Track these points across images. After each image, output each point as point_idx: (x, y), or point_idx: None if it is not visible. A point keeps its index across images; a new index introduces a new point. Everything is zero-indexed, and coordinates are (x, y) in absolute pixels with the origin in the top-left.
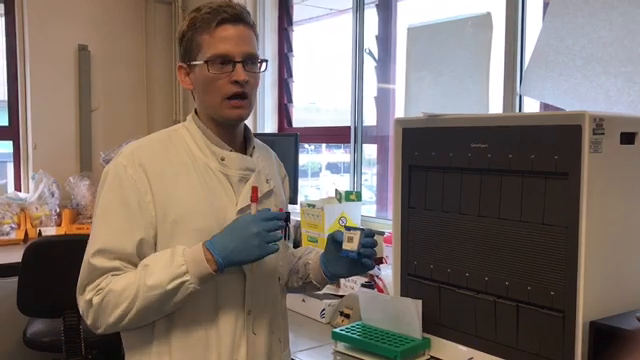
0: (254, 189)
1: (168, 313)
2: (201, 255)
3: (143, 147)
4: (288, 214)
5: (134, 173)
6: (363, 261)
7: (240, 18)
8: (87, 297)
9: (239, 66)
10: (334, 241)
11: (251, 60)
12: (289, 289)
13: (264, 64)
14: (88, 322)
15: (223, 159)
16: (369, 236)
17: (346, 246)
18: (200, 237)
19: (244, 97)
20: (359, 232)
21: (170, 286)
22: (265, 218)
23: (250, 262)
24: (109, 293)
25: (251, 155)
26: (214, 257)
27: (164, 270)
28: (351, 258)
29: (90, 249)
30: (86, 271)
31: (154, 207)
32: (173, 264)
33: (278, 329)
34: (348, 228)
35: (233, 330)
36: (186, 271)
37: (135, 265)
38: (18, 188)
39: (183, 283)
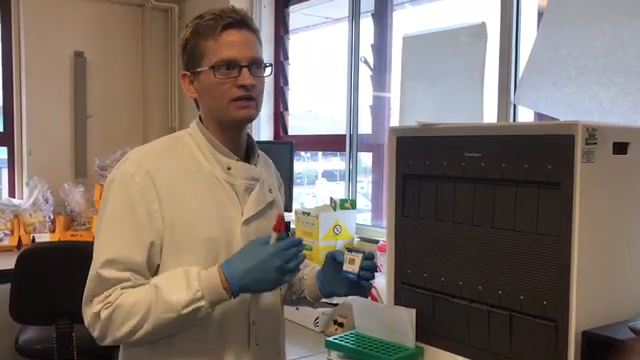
0: (280, 218)
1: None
2: (218, 281)
3: (150, 154)
4: (288, 223)
5: (142, 181)
6: (362, 283)
7: (244, 23)
8: (95, 309)
9: (245, 70)
10: (334, 261)
11: (256, 64)
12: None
13: (268, 69)
14: (95, 334)
15: (229, 168)
16: (369, 259)
17: (347, 267)
18: (206, 247)
19: (251, 99)
20: (361, 255)
21: (185, 311)
22: (285, 248)
23: (266, 291)
24: (118, 308)
25: (255, 164)
26: (230, 285)
27: (179, 293)
28: (351, 280)
29: (98, 259)
30: (94, 282)
31: (161, 216)
32: (189, 288)
33: (278, 340)
34: (350, 250)
35: (237, 341)
36: (202, 297)
37: (144, 276)
38: (12, 194)
39: (199, 309)
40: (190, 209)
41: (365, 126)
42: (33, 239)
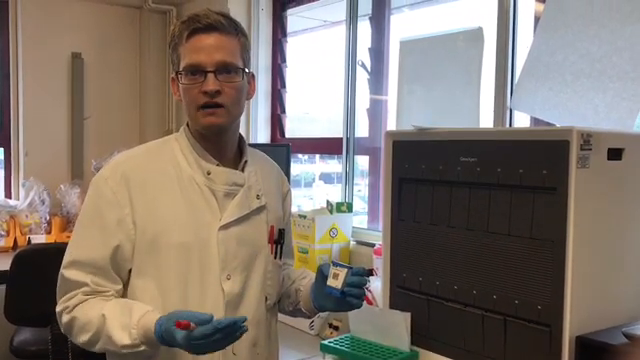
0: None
1: None
2: (152, 335)
3: (130, 158)
4: (282, 230)
5: (114, 185)
6: (348, 300)
7: (213, 27)
8: (58, 309)
9: (210, 76)
10: (322, 274)
11: (226, 69)
12: (280, 311)
13: (242, 73)
14: (62, 331)
15: (209, 173)
16: (358, 275)
17: (331, 282)
18: (178, 251)
19: (219, 106)
20: (345, 270)
21: (126, 351)
22: (196, 338)
23: None
24: (74, 319)
25: (243, 170)
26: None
27: (120, 333)
28: (334, 296)
29: (65, 260)
30: (60, 282)
31: (133, 220)
32: (130, 335)
33: (263, 350)
34: (335, 264)
35: None
36: (140, 343)
37: (108, 278)
38: (8, 195)
39: (141, 351)
40: (163, 213)
41: (362, 129)
42: (29, 240)
